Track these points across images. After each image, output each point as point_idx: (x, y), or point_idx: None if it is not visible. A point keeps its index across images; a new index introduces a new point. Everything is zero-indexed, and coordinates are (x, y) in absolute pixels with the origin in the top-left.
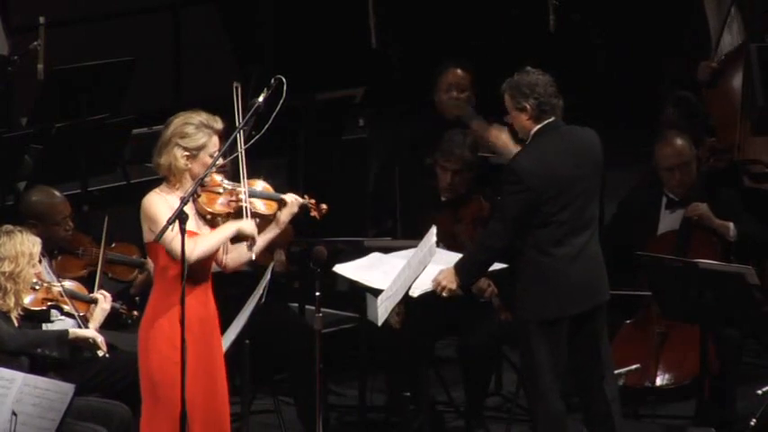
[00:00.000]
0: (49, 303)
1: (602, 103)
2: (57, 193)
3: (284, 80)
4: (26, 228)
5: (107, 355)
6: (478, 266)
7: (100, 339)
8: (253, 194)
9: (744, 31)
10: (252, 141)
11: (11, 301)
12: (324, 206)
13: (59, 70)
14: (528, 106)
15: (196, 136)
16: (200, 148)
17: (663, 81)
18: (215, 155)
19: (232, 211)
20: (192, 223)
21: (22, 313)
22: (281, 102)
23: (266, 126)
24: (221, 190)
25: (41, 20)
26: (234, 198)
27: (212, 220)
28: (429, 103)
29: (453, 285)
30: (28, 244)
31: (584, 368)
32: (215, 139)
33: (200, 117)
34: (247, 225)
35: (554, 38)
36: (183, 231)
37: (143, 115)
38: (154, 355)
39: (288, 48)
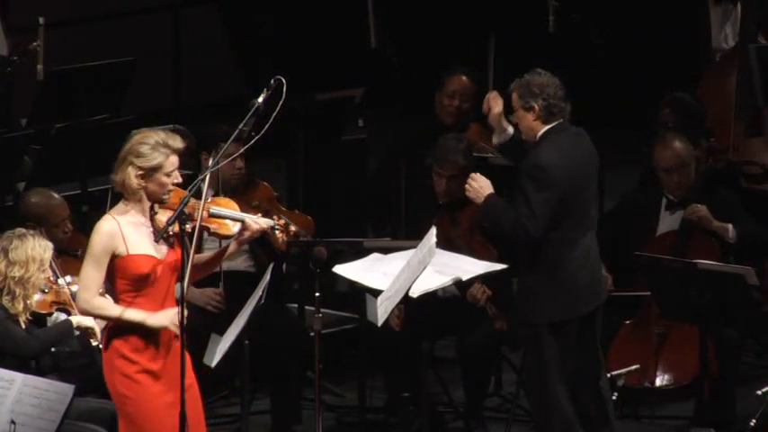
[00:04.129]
0: (57, 307)
1: (601, 103)
2: (55, 195)
3: (284, 80)
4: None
5: (100, 346)
6: (493, 229)
7: (98, 329)
8: (213, 215)
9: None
10: (252, 142)
11: (20, 306)
12: (293, 229)
13: (59, 70)
14: (536, 106)
15: (151, 156)
16: (155, 168)
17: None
18: (172, 174)
19: (189, 230)
20: (148, 242)
21: (30, 318)
22: (281, 102)
23: (266, 126)
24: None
25: (41, 20)
26: (193, 217)
27: (168, 239)
28: (428, 103)
29: (478, 200)
30: (39, 250)
31: (583, 369)
32: (173, 159)
33: (158, 136)
34: (159, 319)
35: (554, 38)
36: (183, 231)
37: (143, 115)
38: (117, 374)
39: (288, 48)
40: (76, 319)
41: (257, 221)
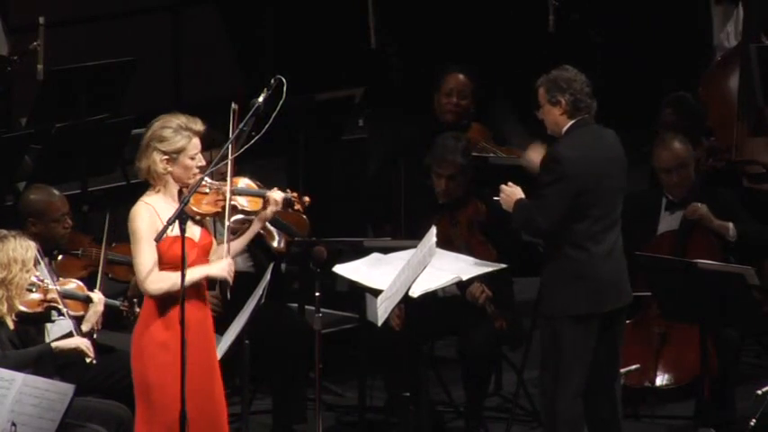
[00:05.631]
0: (47, 305)
1: (601, 103)
2: (54, 191)
3: (284, 80)
4: (26, 226)
5: (95, 362)
6: (518, 231)
7: (86, 345)
8: (237, 192)
9: (740, 33)
10: (252, 142)
11: (4, 308)
12: (306, 198)
13: (59, 70)
14: (563, 101)
15: (174, 139)
16: (179, 151)
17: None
18: (196, 156)
19: (219, 210)
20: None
21: (15, 319)
22: (281, 102)
23: (266, 126)
24: (207, 190)
25: (41, 20)
26: (220, 197)
27: (201, 221)
28: (428, 103)
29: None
30: (21, 250)
31: (600, 368)
32: (195, 141)
33: (179, 120)
34: (217, 269)
35: (554, 38)
36: (182, 231)
37: (143, 115)
38: (148, 360)
39: (288, 48)
40: (56, 344)
41: (277, 193)
